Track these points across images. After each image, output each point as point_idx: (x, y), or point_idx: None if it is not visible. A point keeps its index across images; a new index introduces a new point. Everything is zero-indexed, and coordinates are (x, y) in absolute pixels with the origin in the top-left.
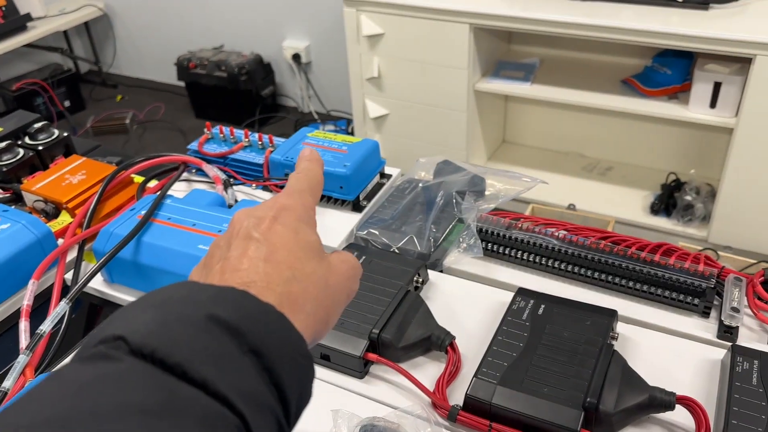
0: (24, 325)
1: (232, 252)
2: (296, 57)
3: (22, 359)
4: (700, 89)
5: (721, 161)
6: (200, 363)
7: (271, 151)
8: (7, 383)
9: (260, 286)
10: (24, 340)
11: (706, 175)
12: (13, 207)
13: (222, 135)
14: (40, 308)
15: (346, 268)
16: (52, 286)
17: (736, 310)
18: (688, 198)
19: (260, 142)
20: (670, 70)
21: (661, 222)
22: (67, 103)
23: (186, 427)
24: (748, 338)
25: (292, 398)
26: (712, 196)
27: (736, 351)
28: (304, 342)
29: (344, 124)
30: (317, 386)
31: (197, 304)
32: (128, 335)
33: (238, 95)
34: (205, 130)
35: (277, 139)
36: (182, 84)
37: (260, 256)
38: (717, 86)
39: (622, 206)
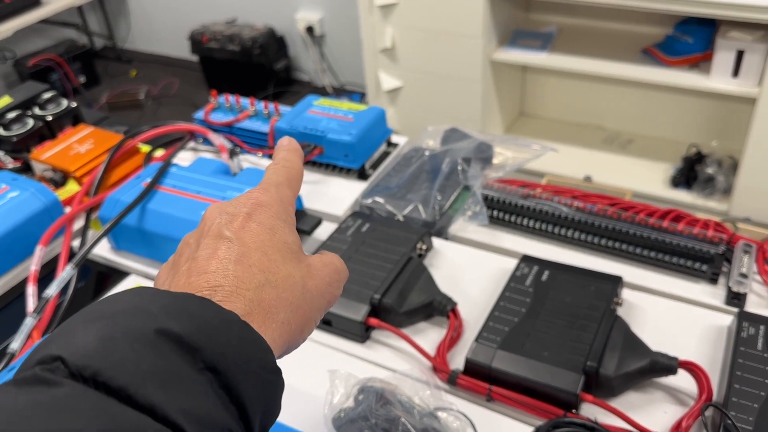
0: (31, 290)
1: (200, 252)
2: (309, 30)
3: (29, 322)
4: (723, 58)
5: (744, 132)
6: (147, 385)
7: (277, 120)
8: (15, 345)
9: (228, 290)
10: (31, 303)
11: (729, 146)
12: (23, 176)
13: (228, 104)
14: (48, 276)
15: (328, 272)
16: (59, 255)
17: (744, 276)
18: (710, 171)
19: (266, 111)
20: (692, 38)
21: (681, 195)
22: (82, 79)
23: None
24: (756, 305)
25: (255, 417)
26: (734, 169)
27: (743, 317)
28: (270, 354)
29: (358, 98)
30: (319, 350)
31: (147, 317)
32: (67, 356)
33: (252, 69)
34: (211, 98)
35: (282, 108)
36: (196, 59)
37: (231, 257)
38: (740, 55)
39: (642, 179)
